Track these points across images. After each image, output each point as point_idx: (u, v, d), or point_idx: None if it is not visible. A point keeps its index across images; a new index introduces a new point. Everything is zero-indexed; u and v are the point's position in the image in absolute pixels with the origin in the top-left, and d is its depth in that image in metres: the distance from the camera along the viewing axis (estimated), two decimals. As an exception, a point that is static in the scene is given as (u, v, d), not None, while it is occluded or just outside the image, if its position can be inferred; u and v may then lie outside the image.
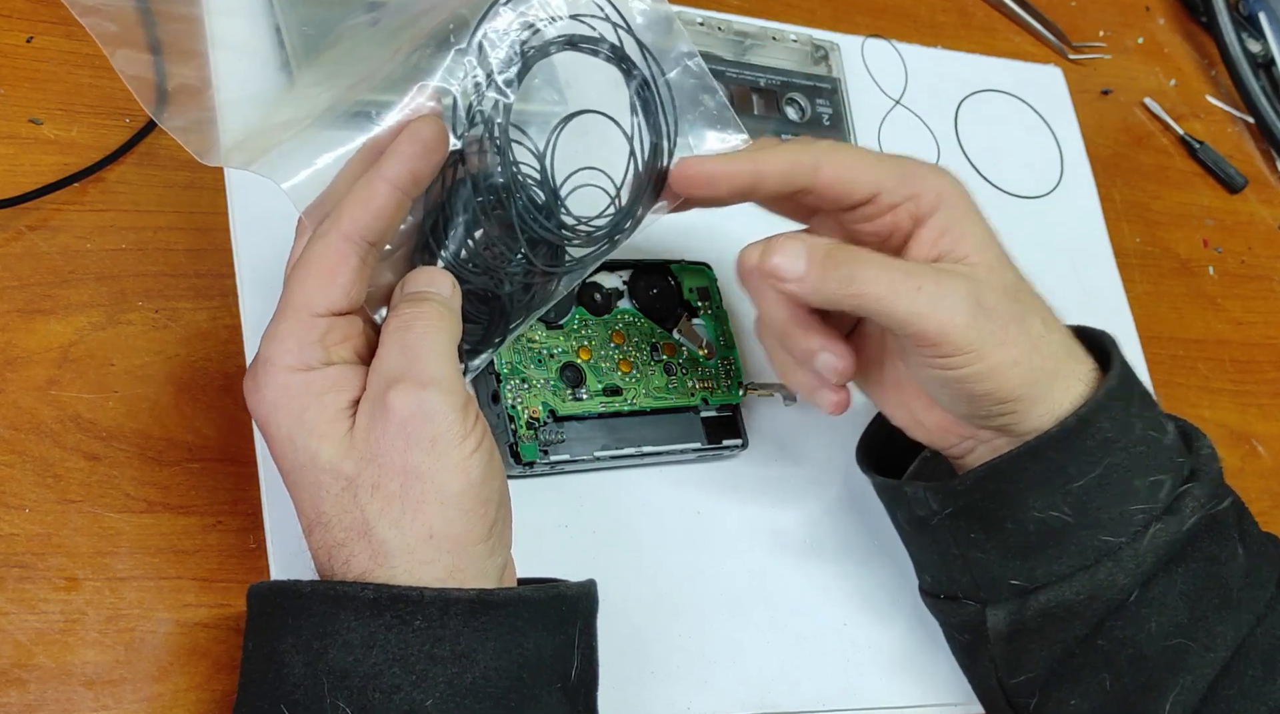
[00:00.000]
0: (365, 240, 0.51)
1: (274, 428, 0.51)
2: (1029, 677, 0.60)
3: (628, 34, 0.56)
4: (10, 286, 0.58)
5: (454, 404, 0.50)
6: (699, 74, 0.58)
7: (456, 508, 0.49)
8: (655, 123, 0.57)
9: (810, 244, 0.57)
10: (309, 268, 0.51)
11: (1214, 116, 0.98)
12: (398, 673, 0.48)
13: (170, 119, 0.52)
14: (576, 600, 0.52)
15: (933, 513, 0.60)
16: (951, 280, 0.56)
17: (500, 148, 0.54)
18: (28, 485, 0.55)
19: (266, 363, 0.51)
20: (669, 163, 0.57)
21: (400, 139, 0.52)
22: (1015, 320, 0.57)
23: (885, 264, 0.56)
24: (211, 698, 0.55)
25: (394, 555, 0.49)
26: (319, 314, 0.51)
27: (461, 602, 0.48)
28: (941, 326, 0.55)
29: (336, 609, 0.48)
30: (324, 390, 0.50)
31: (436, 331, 0.51)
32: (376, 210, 0.51)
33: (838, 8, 0.85)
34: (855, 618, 0.67)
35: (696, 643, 0.63)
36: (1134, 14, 0.99)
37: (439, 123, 0.53)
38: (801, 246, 0.57)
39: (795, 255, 0.56)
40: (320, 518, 0.50)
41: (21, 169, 0.60)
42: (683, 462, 0.67)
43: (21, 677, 0.53)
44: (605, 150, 0.57)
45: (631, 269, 0.67)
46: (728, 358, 0.68)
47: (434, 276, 0.53)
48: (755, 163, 0.58)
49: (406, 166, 0.52)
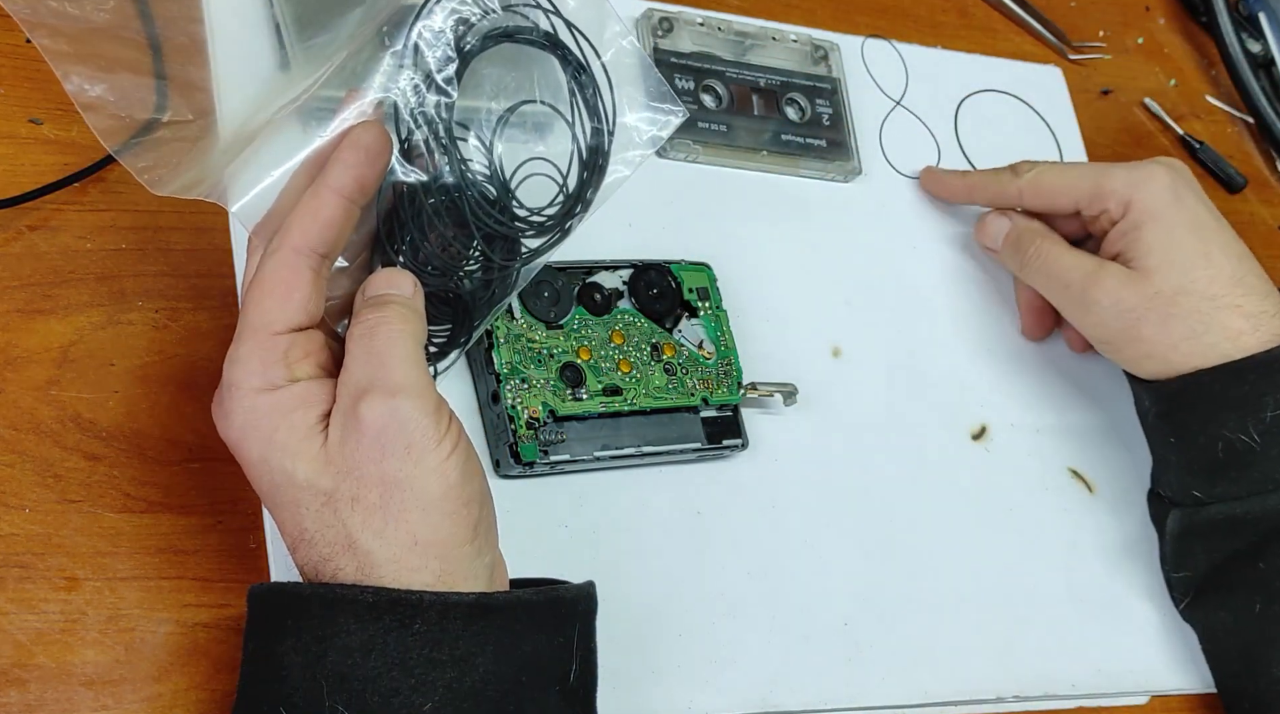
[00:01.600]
0: (316, 252, 0.51)
1: (246, 452, 0.50)
2: (1188, 575, 0.69)
3: (560, 20, 0.56)
4: (10, 286, 0.58)
5: (425, 409, 0.49)
6: (633, 52, 0.58)
7: (438, 512, 0.49)
8: (594, 106, 0.57)
9: (1010, 227, 0.75)
10: (264, 286, 0.51)
11: (1214, 117, 0.98)
12: (397, 676, 0.47)
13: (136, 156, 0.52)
14: (575, 603, 0.52)
15: (1146, 410, 0.71)
16: (1102, 282, 0.69)
17: (446, 147, 0.53)
18: (28, 485, 0.55)
19: (231, 387, 0.50)
20: (610, 144, 0.57)
21: (342, 147, 0.52)
22: (1151, 322, 0.68)
23: (1052, 262, 0.72)
24: (211, 698, 0.55)
25: (380, 566, 0.49)
26: (278, 332, 0.50)
27: (461, 606, 0.48)
28: (1082, 323, 0.71)
29: (336, 612, 0.48)
30: (292, 408, 0.50)
31: (401, 336, 0.51)
32: (325, 221, 0.51)
33: (838, 8, 0.85)
34: (856, 617, 0.67)
35: (696, 643, 0.63)
36: (1134, 14, 0.99)
37: (380, 128, 0.53)
38: (1002, 228, 0.75)
39: (995, 234, 0.76)
40: (303, 535, 0.50)
41: (21, 169, 0.60)
42: (683, 462, 0.67)
43: (21, 677, 0.52)
44: (550, 138, 0.57)
45: (631, 269, 0.67)
46: (728, 358, 0.68)
47: (394, 278, 0.53)
48: (968, 192, 0.78)
49: (351, 174, 0.51)
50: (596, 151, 0.57)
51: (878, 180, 0.80)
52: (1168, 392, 0.69)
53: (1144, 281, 0.69)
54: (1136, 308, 0.68)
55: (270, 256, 0.51)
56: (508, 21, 0.55)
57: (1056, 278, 0.72)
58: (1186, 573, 0.70)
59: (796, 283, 0.74)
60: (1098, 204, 0.71)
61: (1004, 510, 0.74)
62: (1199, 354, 0.68)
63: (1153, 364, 0.69)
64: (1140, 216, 0.70)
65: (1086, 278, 0.70)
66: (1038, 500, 0.75)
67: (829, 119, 0.79)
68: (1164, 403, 0.69)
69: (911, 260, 0.78)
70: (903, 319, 0.76)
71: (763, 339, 0.71)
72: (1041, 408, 0.77)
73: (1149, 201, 0.70)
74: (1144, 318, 0.68)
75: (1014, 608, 0.71)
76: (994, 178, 0.76)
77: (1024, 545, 0.73)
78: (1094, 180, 0.72)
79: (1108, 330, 0.70)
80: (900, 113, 0.83)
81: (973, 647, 0.69)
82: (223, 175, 0.52)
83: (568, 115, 0.57)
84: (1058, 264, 0.72)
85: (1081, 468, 0.77)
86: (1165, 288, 0.68)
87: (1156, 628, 0.73)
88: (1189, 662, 0.73)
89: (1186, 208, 0.70)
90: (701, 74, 0.76)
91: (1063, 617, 0.72)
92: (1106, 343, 0.71)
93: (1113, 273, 0.70)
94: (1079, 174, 0.73)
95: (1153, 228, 0.69)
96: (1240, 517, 0.66)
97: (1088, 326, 0.71)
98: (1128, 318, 0.69)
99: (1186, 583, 0.70)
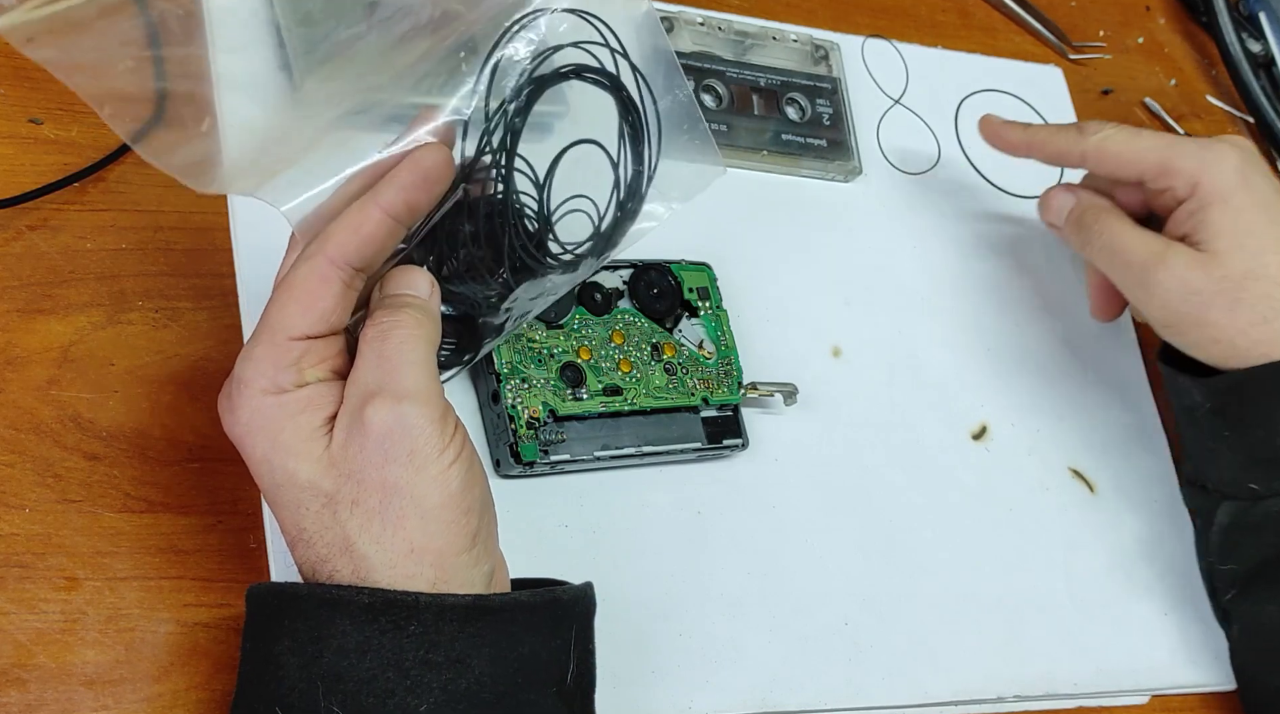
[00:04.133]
0: (350, 266, 0.50)
1: (250, 449, 0.50)
2: (1235, 568, 0.68)
3: (628, 64, 0.56)
4: (10, 286, 0.58)
5: (431, 416, 0.49)
6: (687, 104, 0.58)
7: (436, 521, 0.49)
8: (640, 152, 0.57)
9: (1074, 202, 0.73)
10: (291, 291, 0.50)
11: (1214, 116, 0.98)
12: (392, 678, 0.47)
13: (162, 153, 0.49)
14: (573, 604, 0.52)
15: (1197, 405, 0.69)
16: (1169, 263, 0.68)
17: (505, 177, 0.53)
18: (28, 485, 0.55)
19: (240, 384, 0.50)
20: (646, 191, 0.57)
21: (401, 166, 0.51)
22: (1219, 307, 0.66)
23: (1116, 240, 0.70)
24: (211, 698, 0.55)
25: (376, 570, 0.48)
26: (295, 338, 0.50)
27: (457, 607, 0.48)
28: (1146, 304, 0.69)
29: (332, 613, 0.48)
30: (299, 411, 0.50)
31: (414, 341, 0.50)
32: (366, 237, 0.50)
33: (838, 8, 0.85)
34: (857, 617, 0.67)
35: (696, 643, 0.63)
36: (1134, 14, 0.99)
37: (444, 153, 0.52)
38: (1066, 204, 0.74)
39: (1059, 209, 0.74)
40: (302, 535, 0.50)
41: (21, 169, 0.60)
42: (683, 462, 0.67)
43: (21, 677, 0.52)
44: (581, 170, 0.56)
45: (631, 269, 0.67)
46: (728, 358, 0.68)
47: (413, 278, 0.53)
48: (1029, 145, 0.74)
49: (403, 196, 0.51)
50: (632, 196, 0.57)
51: (878, 180, 0.80)
52: (1225, 385, 0.68)
53: (1212, 264, 0.67)
54: (1204, 291, 0.67)
55: (304, 261, 0.50)
56: (580, 59, 0.55)
57: (1121, 256, 0.70)
58: (1233, 565, 0.69)
59: (796, 283, 0.74)
60: (1164, 180, 0.69)
61: (1004, 510, 0.74)
62: (1268, 341, 0.66)
63: (1219, 349, 0.67)
64: (1209, 197, 0.68)
65: (1152, 258, 0.68)
66: (1038, 500, 0.75)
67: (829, 119, 0.79)
68: (1220, 397, 0.68)
69: (911, 260, 0.78)
70: (903, 319, 0.76)
71: (763, 339, 0.71)
72: (1042, 408, 0.77)
73: (1218, 182, 0.68)
74: (1211, 302, 0.67)
75: (1014, 608, 0.71)
76: (1059, 134, 0.73)
77: (1024, 545, 0.73)
78: (1163, 154, 0.69)
79: (1172, 313, 0.68)
80: (900, 112, 0.83)
81: (973, 646, 0.69)
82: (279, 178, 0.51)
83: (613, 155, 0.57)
84: (1122, 243, 0.70)
85: (1082, 468, 0.77)
86: (1234, 271, 0.67)
87: (1157, 628, 0.73)
88: (1189, 661, 0.73)
89: (1256, 190, 0.68)
90: (702, 74, 0.76)
91: (1063, 616, 0.72)
92: (1170, 327, 0.69)
93: (1180, 254, 0.68)
94: (1148, 145, 0.70)
95: (1221, 210, 0.68)
96: None
97: (1152, 308, 0.69)
98: (1194, 301, 0.67)
99: (1232, 576, 0.69)
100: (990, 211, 0.83)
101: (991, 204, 0.83)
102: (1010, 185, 0.84)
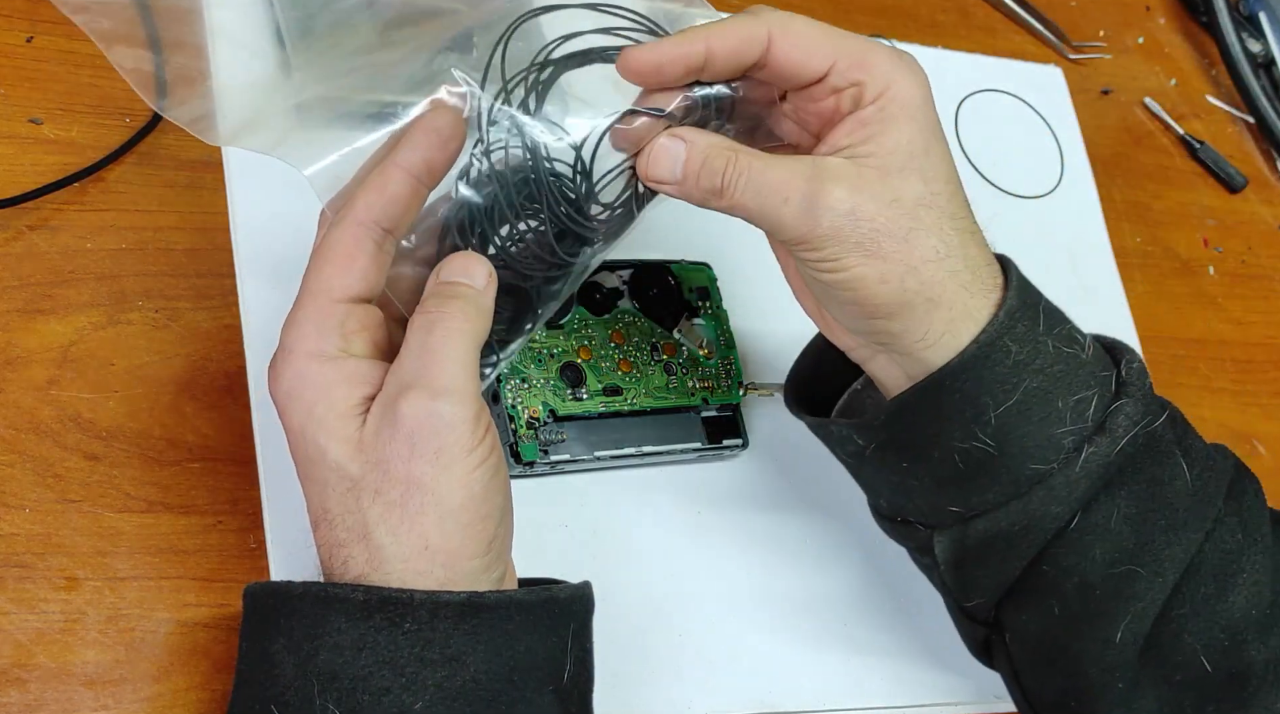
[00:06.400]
0: (379, 226, 0.51)
1: (289, 418, 0.50)
2: (981, 600, 0.59)
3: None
4: (10, 286, 0.58)
5: (464, 416, 0.49)
6: None
7: (454, 522, 0.49)
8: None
9: (691, 149, 0.55)
10: (325, 254, 0.51)
11: (1214, 116, 0.98)
12: (387, 675, 0.47)
13: (172, 108, 0.52)
14: (570, 603, 0.52)
15: (861, 448, 0.59)
16: (830, 187, 0.53)
17: (532, 148, 0.53)
18: (28, 485, 0.55)
19: (285, 351, 0.51)
20: None
21: (413, 128, 0.52)
22: (893, 236, 0.54)
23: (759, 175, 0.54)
24: (211, 698, 0.55)
25: (389, 563, 0.49)
26: (337, 299, 0.50)
27: (452, 605, 0.48)
28: (807, 243, 0.54)
29: (327, 611, 0.48)
30: (336, 383, 0.50)
31: (460, 335, 0.50)
32: (391, 197, 0.51)
33: (838, 8, 0.85)
34: (856, 617, 0.67)
35: (696, 643, 0.63)
36: (1134, 14, 0.99)
37: (453, 113, 0.53)
38: (680, 151, 0.55)
39: (671, 161, 0.55)
40: (326, 515, 0.50)
41: (21, 169, 0.60)
42: (683, 462, 0.67)
43: (21, 677, 0.53)
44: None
45: (631, 269, 0.67)
46: (728, 358, 0.68)
47: (470, 265, 0.52)
48: (706, 40, 0.54)
49: (419, 154, 0.51)
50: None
51: (878, 180, 0.80)
52: (882, 420, 0.57)
53: (881, 185, 0.54)
54: (875, 217, 0.54)
55: (335, 227, 0.51)
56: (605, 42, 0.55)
57: (774, 192, 0.54)
58: (978, 599, 0.59)
59: (796, 283, 0.74)
60: (857, 73, 0.55)
61: (1004, 510, 0.73)
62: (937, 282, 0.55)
63: (887, 290, 0.54)
64: (896, 108, 0.55)
65: (810, 182, 0.54)
66: (1038, 500, 0.75)
67: (829, 119, 0.78)
68: (882, 433, 0.58)
69: (911, 260, 0.78)
70: (903, 319, 0.76)
71: (763, 339, 0.71)
72: (1042, 408, 0.77)
73: (911, 93, 0.55)
74: (885, 231, 0.54)
75: (1014, 608, 0.71)
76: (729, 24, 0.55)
77: (1024, 545, 0.73)
78: (860, 45, 0.55)
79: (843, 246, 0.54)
80: (900, 113, 0.83)
81: (973, 646, 0.69)
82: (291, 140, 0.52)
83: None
84: (771, 174, 0.54)
85: (1082, 468, 0.77)
86: (907, 195, 0.54)
87: (1157, 628, 0.73)
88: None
89: (934, 114, 0.57)
90: (701, 74, 0.75)
91: (1063, 616, 0.72)
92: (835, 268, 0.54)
93: (842, 169, 0.54)
94: (838, 33, 0.56)
95: (907, 124, 0.55)
96: (1008, 530, 0.56)
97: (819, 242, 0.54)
98: (864, 229, 0.53)
99: (983, 608, 0.60)
100: (990, 211, 0.82)
101: (991, 204, 0.83)
102: (1010, 185, 0.84)
